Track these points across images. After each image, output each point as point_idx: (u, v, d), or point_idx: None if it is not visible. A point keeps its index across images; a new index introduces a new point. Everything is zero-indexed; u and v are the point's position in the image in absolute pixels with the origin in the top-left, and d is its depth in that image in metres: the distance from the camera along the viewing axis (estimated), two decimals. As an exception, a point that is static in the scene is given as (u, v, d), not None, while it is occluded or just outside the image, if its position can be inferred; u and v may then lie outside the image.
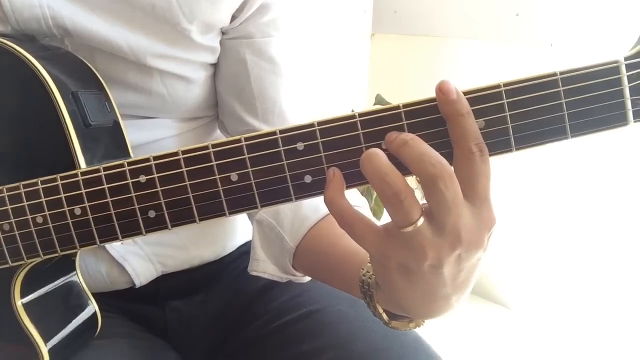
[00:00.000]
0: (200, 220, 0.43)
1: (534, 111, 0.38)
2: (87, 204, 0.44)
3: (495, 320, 1.73)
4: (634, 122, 0.39)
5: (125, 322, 0.65)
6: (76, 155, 0.44)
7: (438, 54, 1.72)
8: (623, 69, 0.38)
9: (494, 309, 1.77)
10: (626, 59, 0.38)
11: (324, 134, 0.40)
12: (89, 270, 0.64)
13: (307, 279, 0.65)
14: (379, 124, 0.40)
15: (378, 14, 1.79)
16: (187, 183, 0.42)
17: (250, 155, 0.41)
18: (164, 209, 0.43)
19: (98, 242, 0.45)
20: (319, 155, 0.40)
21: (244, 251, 0.75)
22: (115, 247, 0.64)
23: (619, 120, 0.39)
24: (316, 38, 1.60)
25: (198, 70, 0.62)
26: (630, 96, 0.38)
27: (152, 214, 0.43)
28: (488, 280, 1.77)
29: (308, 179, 0.41)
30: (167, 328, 0.70)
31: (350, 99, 1.76)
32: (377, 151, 0.38)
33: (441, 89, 0.38)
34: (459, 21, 1.66)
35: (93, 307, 0.56)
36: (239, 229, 0.76)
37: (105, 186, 0.43)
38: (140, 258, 0.66)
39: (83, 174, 0.44)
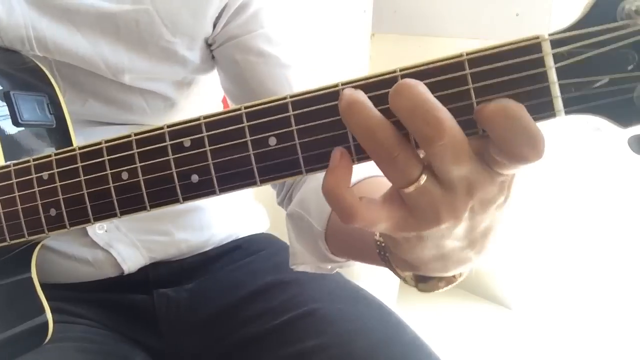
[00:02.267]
0: (95, 220, 0.41)
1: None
2: (-2, 199, 0.43)
3: (495, 320, 1.73)
4: (566, 112, 0.31)
5: (88, 328, 0.64)
6: (-6, 151, 0.44)
7: (438, 54, 1.66)
8: (547, 46, 0.30)
9: (494, 309, 1.77)
10: (552, 34, 0.30)
11: (209, 127, 0.37)
12: (76, 257, 0.65)
13: (353, 264, 0.61)
14: (265, 115, 0.35)
15: (378, 14, 1.78)
16: (82, 179, 0.40)
17: (139, 150, 0.39)
18: (62, 206, 0.41)
19: (8, 240, 0.44)
20: (204, 150, 0.37)
21: (237, 245, 0.75)
22: (99, 234, 0.65)
23: (545, 110, 0.31)
24: (316, 38, 1.59)
25: (174, 87, 0.63)
26: (558, 80, 0.30)
27: (52, 212, 0.42)
28: (488, 280, 1.76)
29: (195, 178, 0.37)
30: (156, 316, 0.69)
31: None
32: (360, 97, 0.32)
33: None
34: (459, 21, 1.64)
35: (45, 315, 0.55)
36: (226, 216, 0.74)
37: (14, 181, 0.43)
38: (125, 244, 0.66)
39: (-4, 169, 0.44)
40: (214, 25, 0.61)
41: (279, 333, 0.62)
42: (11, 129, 0.46)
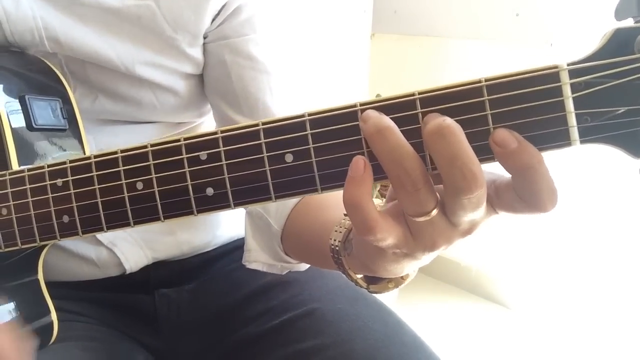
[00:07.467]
0: (108, 229, 0.41)
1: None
2: (11, 203, 0.44)
3: (495, 320, 1.74)
4: (581, 142, 0.31)
5: (89, 326, 0.64)
6: (8, 156, 0.45)
7: (438, 54, 1.72)
8: (565, 76, 0.31)
9: (493, 309, 1.78)
10: (570, 64, 0.31)
11: (226, 142, 0.37)
12: (80, 255, 0.65)
13: (304, 266, 0.63)
14: (283, 132, 0.36)
15: (378, 14, 1.79)
16: (97, 187, 0.40)
17: (155, 162, 0.39)
18: (76, 213, 0.42)
19: (20, 244, 0.44)
20: (221, 164, 0.37)
21: (239, 245, 0.74)
22: (103, 234, 0.65)
23: (560, 139, 0.31)
24: (316, 38, 1.60)
25: (185, 80, 0.63)
26: (575, 109, 0.31)
27: (66, 218, 0.42)
28: (488, 280, 1.78)
29: (210, 191, 0.38)
30: (157, 317, 0.70)
31: (350, 99, 1.73)
32: (390, 123, 0.32)
33: (496, 140, 0.31)
34: (458, 21, 1.66)
35: (50, 316, 0.55)
36: (229, 218, 0.75)
37: (28, 186, 0.43)
38: (129, 243, 0.67)
39: (11, 173, 0.44)
40: (212, 21, 0.61)
41: (279, 333, 0.62)
42: (25, 133, 0.47)
